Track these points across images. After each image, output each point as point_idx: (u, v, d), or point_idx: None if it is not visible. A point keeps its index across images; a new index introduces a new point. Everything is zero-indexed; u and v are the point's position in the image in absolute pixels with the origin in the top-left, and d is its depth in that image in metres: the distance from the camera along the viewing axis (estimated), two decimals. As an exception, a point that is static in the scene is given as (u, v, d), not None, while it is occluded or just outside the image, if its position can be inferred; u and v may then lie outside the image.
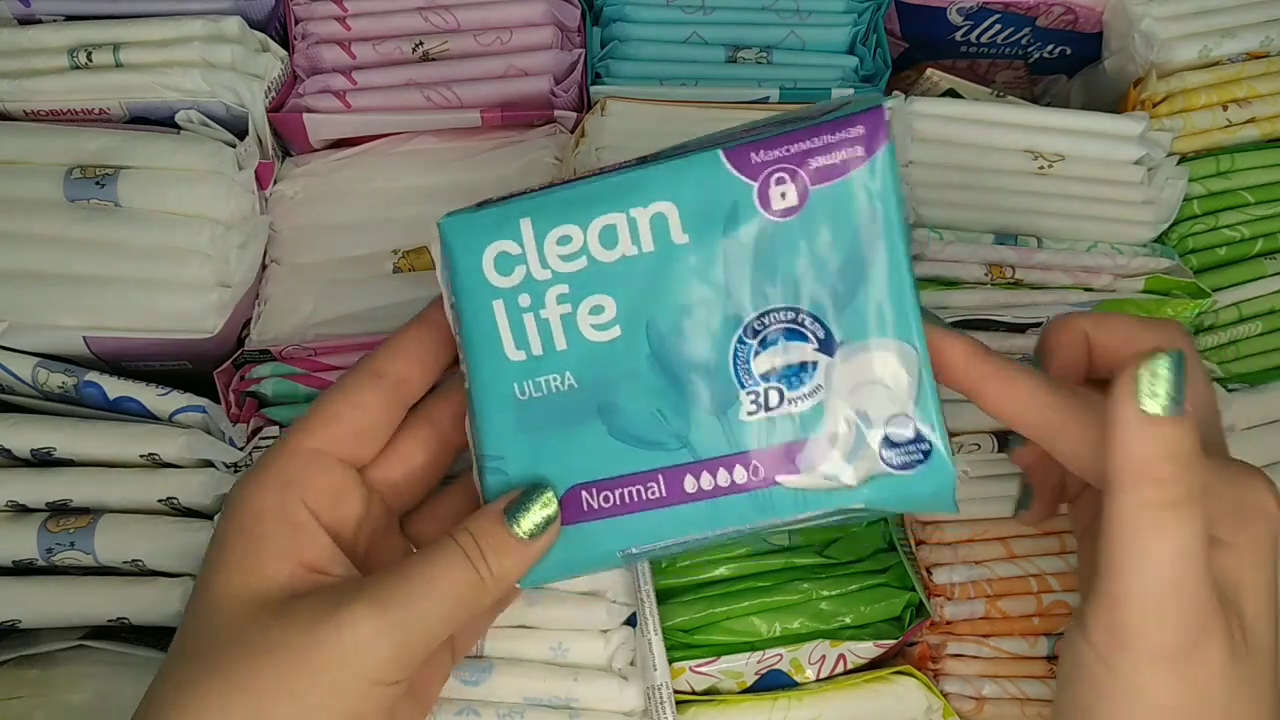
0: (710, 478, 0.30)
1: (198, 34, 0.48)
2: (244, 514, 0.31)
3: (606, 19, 0.54)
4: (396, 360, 0.34)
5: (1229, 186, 0.53)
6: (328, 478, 0.32)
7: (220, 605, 0.30)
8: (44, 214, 0.46)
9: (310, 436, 0.32)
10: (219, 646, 0.29)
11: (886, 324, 0.27)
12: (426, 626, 0.29)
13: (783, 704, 0.42)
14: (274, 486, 0.31)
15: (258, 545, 0.30)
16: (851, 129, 0.27)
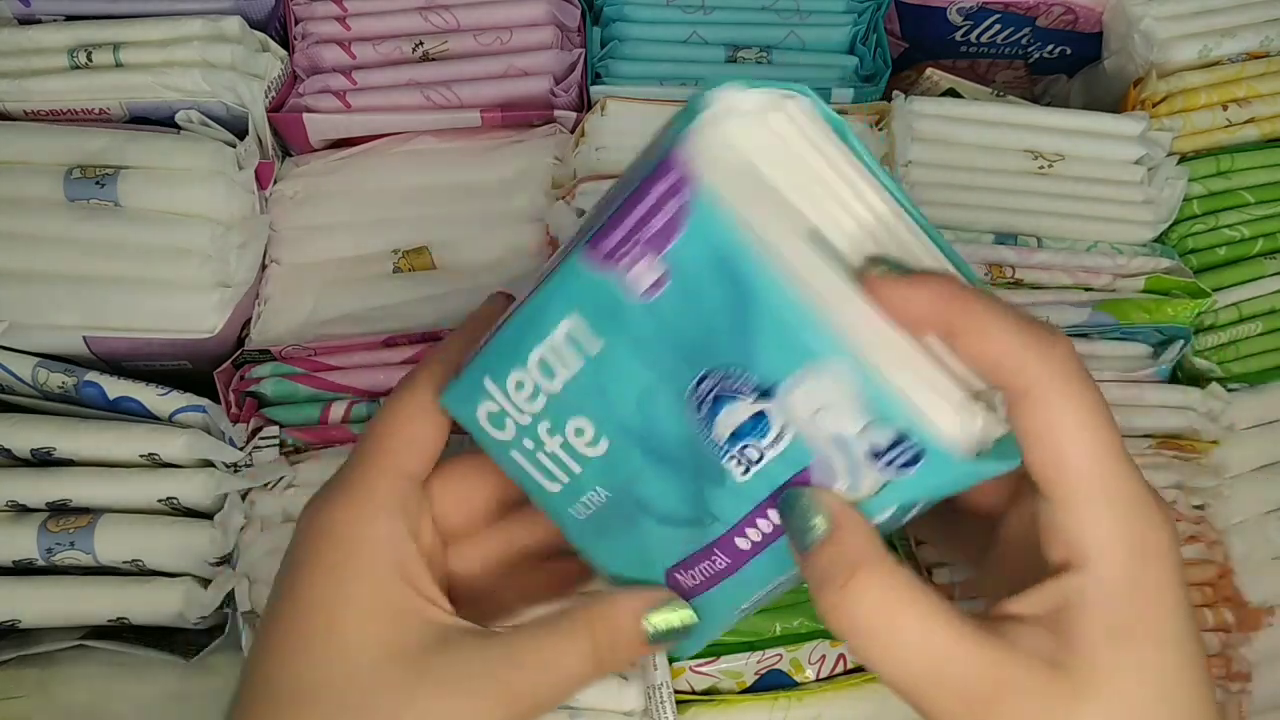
0: (755, 531, 0.30)
1: (198, 34, 0.49)
2: (357, 543, 0.28)
3: (606, 19, 0.54)
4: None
5: (1229, 186, 0.53)
6: (419, 503, 0.30)
7: (353, 646, 0.27)
8: (44, 214, 0.46)
9: (403, 457, 0.30)
10: (364, 703, 0.27)
11: (798, 350, 0.26)
12: (542, 704, 0.28)
13: (783, 704, 0.42)
14: (384, 514, 0.29)
15: (384, 585, 0.28)
16: (662, 182, 0.26)
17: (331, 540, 0.29)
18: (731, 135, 0.26)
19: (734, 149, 0.26)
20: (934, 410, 0.26)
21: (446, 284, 0.49)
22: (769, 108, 0.26)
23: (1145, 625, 0.25)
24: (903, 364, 0.26)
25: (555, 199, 0.50)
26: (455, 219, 0.50)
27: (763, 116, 0.26)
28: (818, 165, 0.27)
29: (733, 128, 0.26)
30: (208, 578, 0.44)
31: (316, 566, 0.29)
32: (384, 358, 0.46)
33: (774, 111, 0.26)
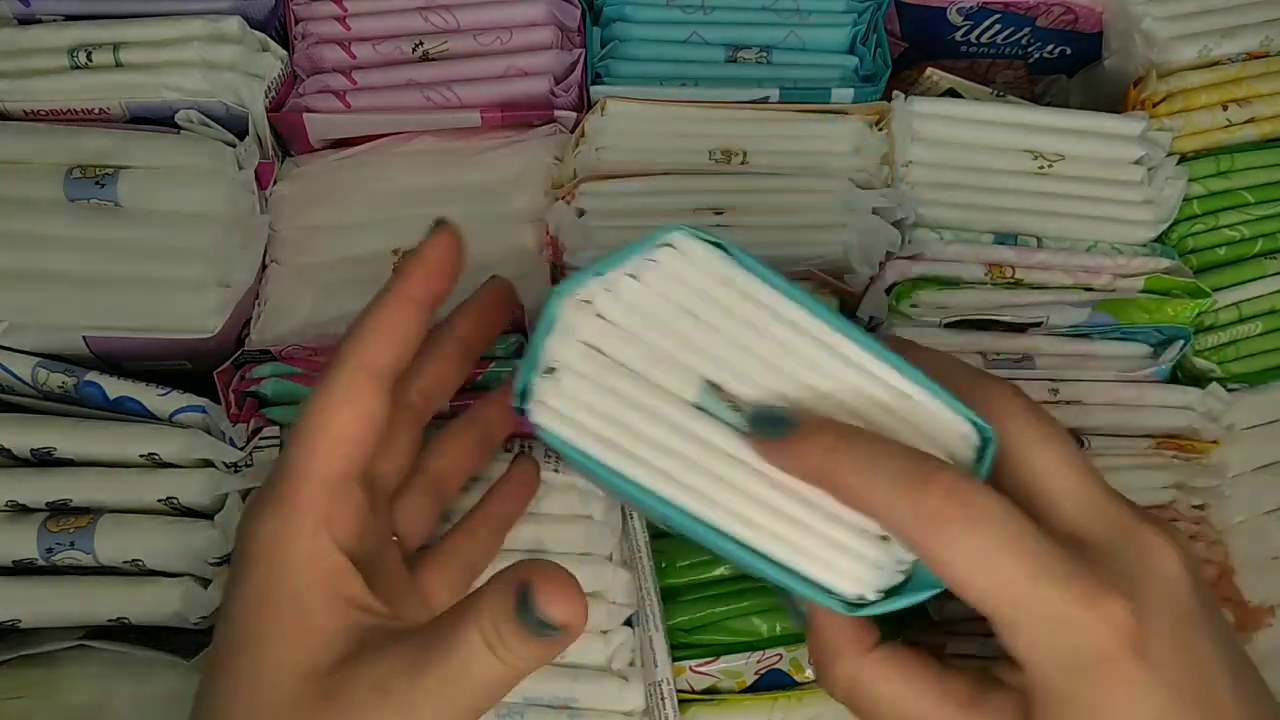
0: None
1: (198, 34, 0.49)
2: (281, 564, 0.28)
3: (606, 19, 0.54)
4: (384, 351, 0.30)
5: (1229, 186, 0.53)
6: (348, 505, 0.29)
7: (261, 680, 0.27)
8: (44, 214, 0.46)
9: (327, 460, 0.29)
10: None
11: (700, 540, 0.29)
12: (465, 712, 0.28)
13: (783, 704, 0.42)
14: (307, 529, 0.28)
15: (305, 603, 0.28)
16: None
17: (256, 561, 0.29)
18: (595, 345, 0.28)
19: (570, 395, 0.28)
20: (805, 565, 0.28)
21: (446, 284, 0.49)
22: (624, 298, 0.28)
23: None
24: (781, 546, 0.28)
25: (555, 199, 0.50)
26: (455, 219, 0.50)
27: (618, 310, 0.28)
28: (692, 323, 0.29)
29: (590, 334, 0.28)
30: (208, 578, 0.44)
31: (245, 589, 0.29)
32: (384, 358, 0.46)
33: (624, 296, 0.28)
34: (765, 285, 0.29)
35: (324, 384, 0.30)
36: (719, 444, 0.28)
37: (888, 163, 0.51)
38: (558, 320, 0.28)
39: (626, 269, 0.28)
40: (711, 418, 0.28)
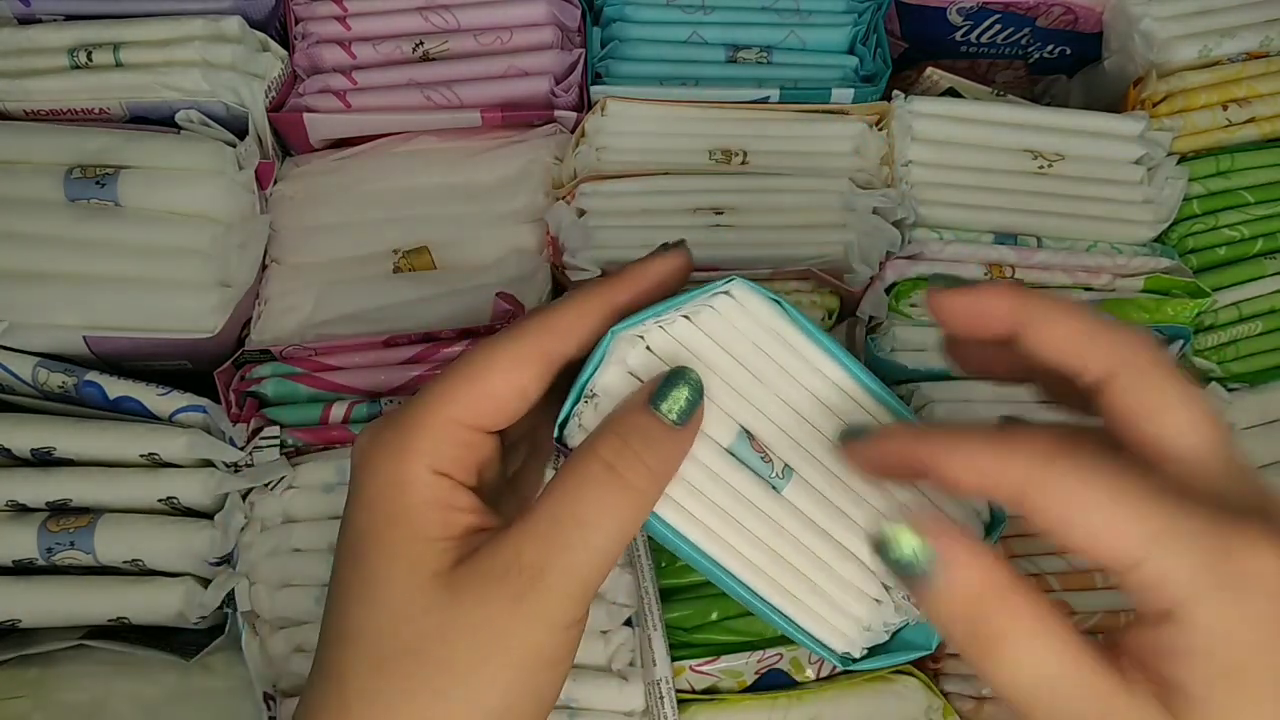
0: None
1: (198, 33, 0.49)
2: (388, 483, 0.29)
3: (606, 19, 0.54)
4: (568, 343, 0.30)
5: (1229, 186, 0.53)
6: (472, 453, 0.30)
7: (390, 584, 0.28)
8: (44, 214, 0.46)
9: (459, 408, 0.29)
10: (408, 630, 0.27)
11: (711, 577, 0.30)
12: (600, 562, 0.27)
13: (783, 703, 0.42)
14: (424, 462, 0.29)
15: (416, 515, 0.28)
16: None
17: (374, 475, 0.29)
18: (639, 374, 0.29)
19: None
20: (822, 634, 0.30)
21: (446, 284, 0.49)
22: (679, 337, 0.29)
23: (1255, 667, 0.24)
24: (790, 595, 0.29)
25: (555, 199, 0.50)
26: (455, 219, 0.50)
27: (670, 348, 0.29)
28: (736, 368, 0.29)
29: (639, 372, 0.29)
30: (208, 578, 0.44)
31: (361, 506, 0.29)
32: (384, 358, 0.46)
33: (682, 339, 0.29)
34: (811, 342, 0.30)
35: (501, 342, 0.30)
36: (746, 493, 0.29)
37: (888, 163, 0.51)
38: (610, 354, 0.28)
39: (683, 311, 0.29)
40: (742, 465, 0.29)
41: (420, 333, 0.46)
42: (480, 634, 0.27)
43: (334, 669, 0.28)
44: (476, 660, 0.27)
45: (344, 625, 0.28)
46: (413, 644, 0.27)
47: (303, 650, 0.43)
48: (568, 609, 0.27)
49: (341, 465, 0.44)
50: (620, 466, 0.27)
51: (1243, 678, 0.24)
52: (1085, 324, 0.27)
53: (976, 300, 0.28)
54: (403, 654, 0.27)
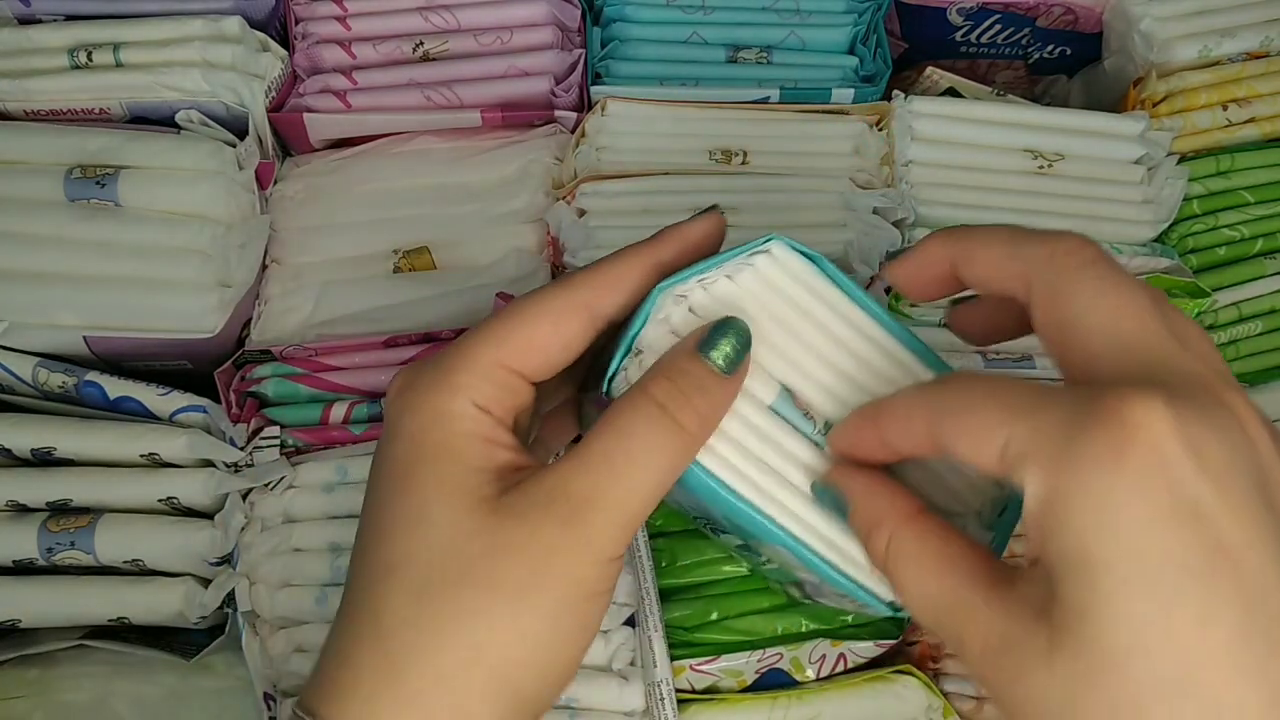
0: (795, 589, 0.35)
1: (198, 34, 0.49)
2: (431, 415, 0.29)
3: (607, 19, 0.54)
4: (612, 299, 0.30)
5: (1229, 186, 0.53)
6: (513, 397, 0.30)
7: (435, 510, 0.28)
8: (44, 214, 0.46)
9: (504, 352, 0.29)
10: (452, 553, 0.27)
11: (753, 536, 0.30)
12: (646, 498, 0.28)
13: (783, 703, 0.42)
14: (461, 390, 0.29)
15: (460, 445, 0.28)
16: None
17: (414, 412, 0.29)
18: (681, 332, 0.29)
19: None
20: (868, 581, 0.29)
21: (446, 284, 0.49)
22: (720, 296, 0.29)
23: (1105, 545, 0.22)
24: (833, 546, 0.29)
25: (555, 199, 0.50)
26: (455, 219, 0.50)
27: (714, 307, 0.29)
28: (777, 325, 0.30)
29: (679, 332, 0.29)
30: (208, 578, 0.44)
31: (401, 440, 0.29)
32: (384, 358, 0.46)
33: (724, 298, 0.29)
34: (850, 300, 0.30)
35: (547, 292, 0.30)
36: (789, 448, 0.29)
37: (888, 163, 0.51)
38: (654, 312, 0.29)
39: (724, 271, 0.29)
40: (785, 422, 0.29)
41: (420, 333, 0.46)
42: (527, 558, 0.27)
43: (369, 601, 0.27)
44: (523, 584, 0.27)
45: (381, 557, 0.28)
46: (457, 569, 0.27)
47: (303, 650, 0.43)
48: (613, 541, 0.27)
49: (341, 465, 0.44)
50: (671, 407, 0.27)
51: (1097, 560, 0.22)
52: (1007, 242, 0.27)
53: (917, 254, 0.29)
54: (446, 580, 0.27)
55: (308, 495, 0.44)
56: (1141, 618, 0.21)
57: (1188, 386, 0.23)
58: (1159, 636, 0.21)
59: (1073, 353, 0.25)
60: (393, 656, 0.26)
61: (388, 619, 0.27)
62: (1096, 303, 0.25)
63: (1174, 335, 0.25)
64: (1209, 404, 0.23)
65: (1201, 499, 0.21)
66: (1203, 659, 0.21)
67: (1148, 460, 0.21)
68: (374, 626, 0.27)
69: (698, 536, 0.44)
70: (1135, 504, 0.21)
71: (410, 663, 0.26)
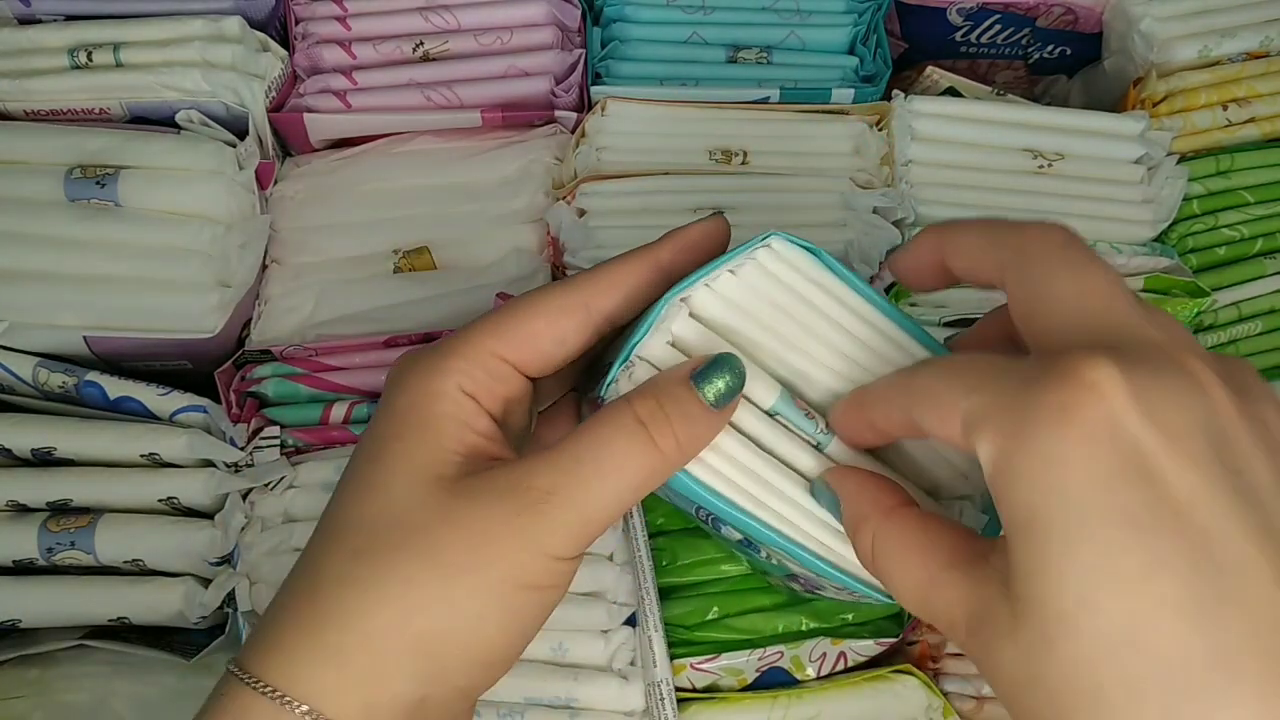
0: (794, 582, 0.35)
1: (198, 34, 0.49)
2: (419, 393, 0.29)
3: (607, 19, 0.54)
4: (611, 298, 0.31)
5: (1229, 186, 0.53)
6: (505, 386, 0.30)
7: (395, 480, 0.28)
8: (44, 214, 0.46)
9: (499, 343, 0.30)
10: (398, 521, 0.28)
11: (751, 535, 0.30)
12: (608, 506, 0.28)
13: (783, 702, 0.42)
14: (453, 384, 0.29)
15: (436, 424, 0.29)
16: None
17: (404, 390, 0.30)
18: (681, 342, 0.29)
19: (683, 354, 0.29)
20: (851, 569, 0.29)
21: (446, 284, 0.49)
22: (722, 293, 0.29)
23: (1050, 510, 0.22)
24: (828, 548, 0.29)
25: (555, 199, 0.50)
26: (455, 219, 0.50)
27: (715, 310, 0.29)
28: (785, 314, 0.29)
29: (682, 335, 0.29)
30: (208, 578, 0.44)
31: (387, 412, 0.30)
32: (384, 358, 0.46)
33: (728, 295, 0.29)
34: (853, 291, 0.30)
35: (546, 291, 0.31)
36: (787, 457, 0.29)
37: (888, 162, 0.51)
38: (658, 320, 0.29)
39: (727, 267, 0.29)
40: (785, 426, 0.29)
41: (420, 333, 0.46)
42: (469, 537, 0.27)
43: (311, 560, 0.28)
44: (460, 561, 0.27)
45: (334, 519, 0.29)
46: (399, 536, 0.27)
47: (303, 650, 0.43)
48: (564, 540, 0.27)
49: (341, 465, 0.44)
50: (651, 427, 0.27)
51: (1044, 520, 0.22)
52: (985, 233, 0.27)
53: (911, 248, 0.29)
54: (387, 545, 0.27)
55: (308, 495, 0.44)
56: (1087, 574, 0.21)
57: (1144, 351, 0.23)
58: (1106, 592, 0.21)
59: (1038, 331, 0.25)
60: (320, 613, 0.27)
61: (323, 579, 0.28)
62: (1063, 282, 0.25)
63: (1137, 308, 0.25)
64: (1164, 366, 0.22)
65: (1150, 454, 0.21)
66: (1149, 611, 0.21)
67: (1094, 417, 0.21)
68: (310, 583, 0.28)
69: (698, 535, 0.44)
70: (1081, 461, 0.21)
71: (336, 620, 0.27)
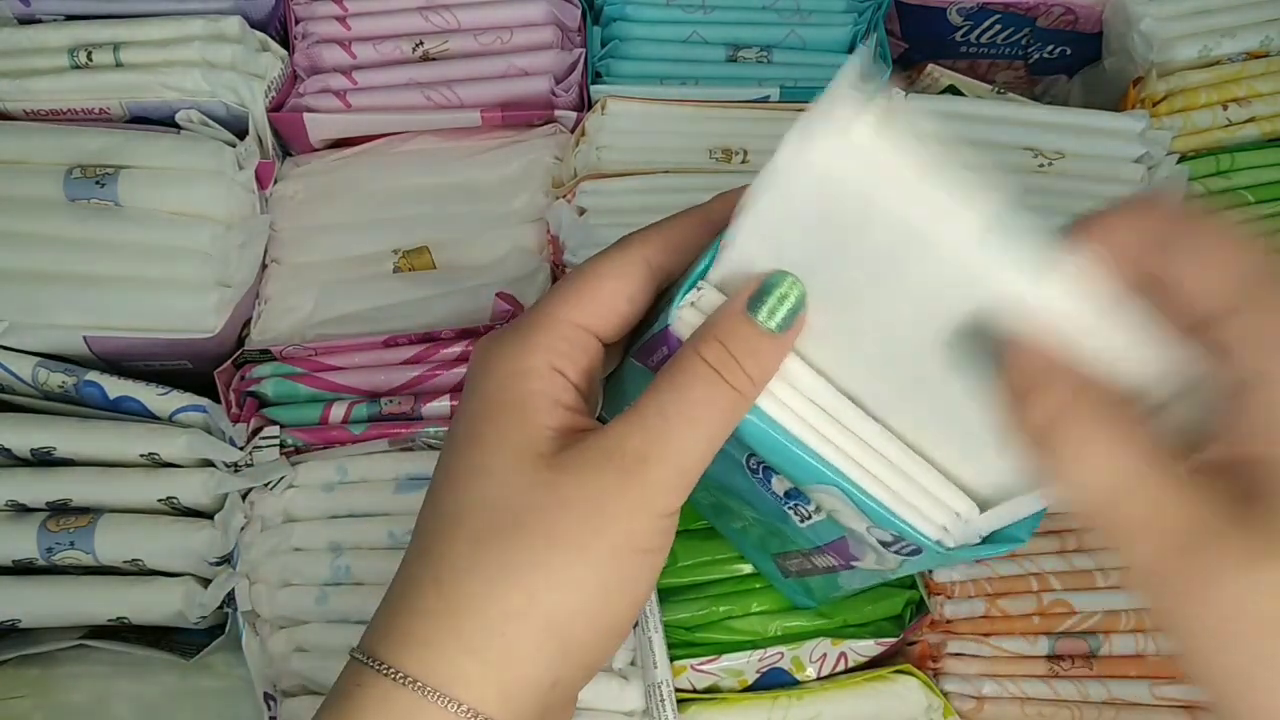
0: (824, 559, 0.34)
1: (198, 34, 0.49)
2: (506, 374, 0.30)
3: (607, 18, 0.54)
4: (671, 255, 0.31)
5: (1229, 186, 0.53)
6: (585, 355, 0.31)
7: (498, 462, 0.29)
8: (44, 214, 0.46)
9: (578, 311, 0.30)
10: (510, 503, 0.28)
11: (800, 474, 0.29)
12: (701, 454, 0.28)
13: (783, 702, 0.42)
14: (538, 350, 0.30)
15: (529, 402, 0.29)
16: (664, 347, 0.29)
17: (491, 372, 0.30)
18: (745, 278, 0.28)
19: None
20: (915, 521, 0.29)
21: (446, 284, 0.49)
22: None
23: None
24: (884, 485, 0.29)
25: (555, 198, 0.50)
26: (455, 219, 0.50)
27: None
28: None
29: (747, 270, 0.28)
30: (208, 577, 0.44)
31: (479, 396, 0.30)
32: (384, 358, 0.46)
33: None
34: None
35: (606, 253, 0.31)
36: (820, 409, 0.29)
37: (888, 162, 0.51)
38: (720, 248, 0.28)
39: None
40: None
41: (420, 333, 0.46)
42: (582, 510, 0.27)
43: (429, 547, 0.29)
44: (577, 536, 0.27)
45: (444, 506, 0.29)
46: (513, 520, 0.28)
47: (303, 650, 0.43)
48: (667, 497, 0.28)
49: (341, 465, 0.44)
50: (722, 370, 0.28)
51: None
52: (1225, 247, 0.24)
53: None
54: (503, 528, 0.28)
55: (308, 495, 0.44)
56: None
57: None
58: None
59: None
60: (450, 603, 0.27)
61: (447, 567, 0.28)
62: None
63: None
64: None
65: None
66: None
67: None
68: (434, 573, 0.28)
69: (699, 537, 0.44)
70: None
71: (466, 609, 0.27)
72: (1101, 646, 0.43)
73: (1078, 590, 0.43)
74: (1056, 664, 0.43)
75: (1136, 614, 0.44)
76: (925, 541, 0.29)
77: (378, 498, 0.44)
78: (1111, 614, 0.43)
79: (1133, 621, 0.43)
